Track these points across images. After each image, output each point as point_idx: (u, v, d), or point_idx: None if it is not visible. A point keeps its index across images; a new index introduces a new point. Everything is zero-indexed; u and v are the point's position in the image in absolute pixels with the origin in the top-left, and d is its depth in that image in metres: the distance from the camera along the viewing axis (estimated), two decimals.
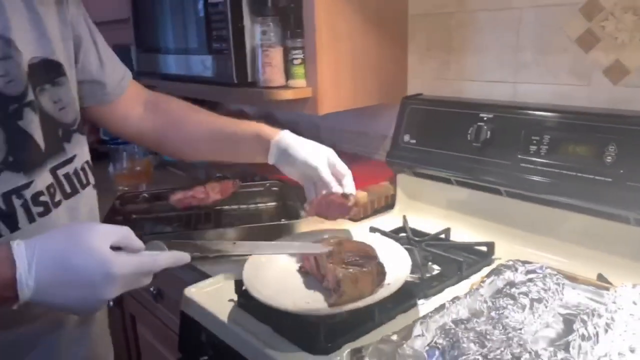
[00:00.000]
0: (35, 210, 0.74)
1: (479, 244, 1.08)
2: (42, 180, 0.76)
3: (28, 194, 0.74)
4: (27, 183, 0.74)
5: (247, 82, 1.29)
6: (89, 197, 0.86)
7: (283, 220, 1.14)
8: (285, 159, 0.92)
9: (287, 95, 1.24)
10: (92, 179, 0.87)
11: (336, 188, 0.90)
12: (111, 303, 0.91)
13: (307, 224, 1.14)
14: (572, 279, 0.83)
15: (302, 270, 0.92)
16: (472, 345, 0.61)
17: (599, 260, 0.96)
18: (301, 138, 0.94)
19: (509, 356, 0.58)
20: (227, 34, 1.24)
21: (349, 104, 1.31)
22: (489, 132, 1.12)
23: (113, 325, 1.41)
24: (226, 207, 1.25)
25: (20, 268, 0.60)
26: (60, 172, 0.80)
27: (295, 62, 1.23)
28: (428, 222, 1.21)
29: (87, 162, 0.87)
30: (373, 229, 1.16)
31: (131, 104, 0.98)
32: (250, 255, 0.89)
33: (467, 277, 0.97)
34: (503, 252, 1.03)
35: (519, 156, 1.07)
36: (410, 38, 1.41)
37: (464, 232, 1.15)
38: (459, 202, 1.22)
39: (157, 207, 1.31)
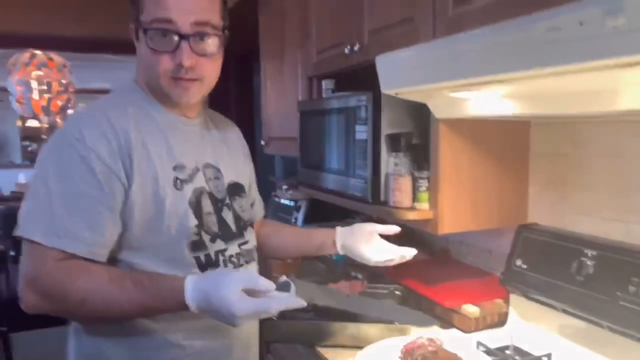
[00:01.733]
0: (230, 265, 1.17)
1: None
2: (234, 249, 1.19)
3: (227, 254, 1.17)
4: (225, 248, 1.17)
5: (380, 202, 1.56)
6: (254, 268, 1.27)
7: (396, 323, 1.34)
8: (349, 233, 1.36)
9: (412, 215, 1.47)
10: (256, 257, 1.29)
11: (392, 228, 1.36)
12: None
13: (418, 327, 1.33)
14: None
15: None
16: None
17: None
18: None
19: None
20: (366, 163, 1.54)
21: (467, 226, 1.49)
22: (591, 268, 1.22)
23: None
24: None
25: (187, 298, 0.96)
26: (243, 247, 1.23)
27: (421, 189, 1.47)
28: (535, 343, 1.31)
29: (255, 246, 1.29)
30: (479, 344, 1.30)
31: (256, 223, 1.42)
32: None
33: None
34: None
35: (618, 294, 1.15)
36: (531, 173, 1.56)
37: (566, 358, 1.23)
38: (565, 328, 1.30)
39: None
